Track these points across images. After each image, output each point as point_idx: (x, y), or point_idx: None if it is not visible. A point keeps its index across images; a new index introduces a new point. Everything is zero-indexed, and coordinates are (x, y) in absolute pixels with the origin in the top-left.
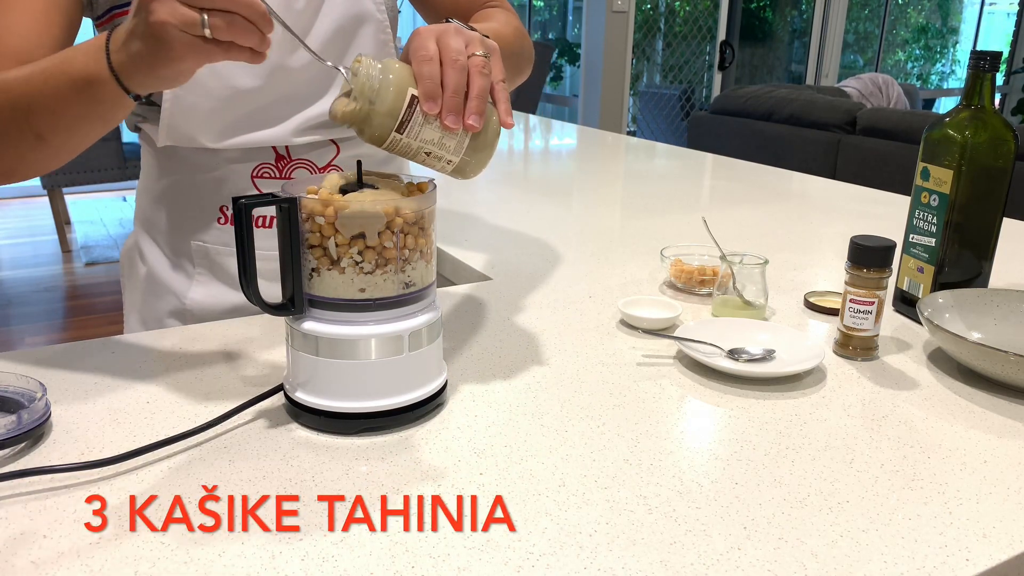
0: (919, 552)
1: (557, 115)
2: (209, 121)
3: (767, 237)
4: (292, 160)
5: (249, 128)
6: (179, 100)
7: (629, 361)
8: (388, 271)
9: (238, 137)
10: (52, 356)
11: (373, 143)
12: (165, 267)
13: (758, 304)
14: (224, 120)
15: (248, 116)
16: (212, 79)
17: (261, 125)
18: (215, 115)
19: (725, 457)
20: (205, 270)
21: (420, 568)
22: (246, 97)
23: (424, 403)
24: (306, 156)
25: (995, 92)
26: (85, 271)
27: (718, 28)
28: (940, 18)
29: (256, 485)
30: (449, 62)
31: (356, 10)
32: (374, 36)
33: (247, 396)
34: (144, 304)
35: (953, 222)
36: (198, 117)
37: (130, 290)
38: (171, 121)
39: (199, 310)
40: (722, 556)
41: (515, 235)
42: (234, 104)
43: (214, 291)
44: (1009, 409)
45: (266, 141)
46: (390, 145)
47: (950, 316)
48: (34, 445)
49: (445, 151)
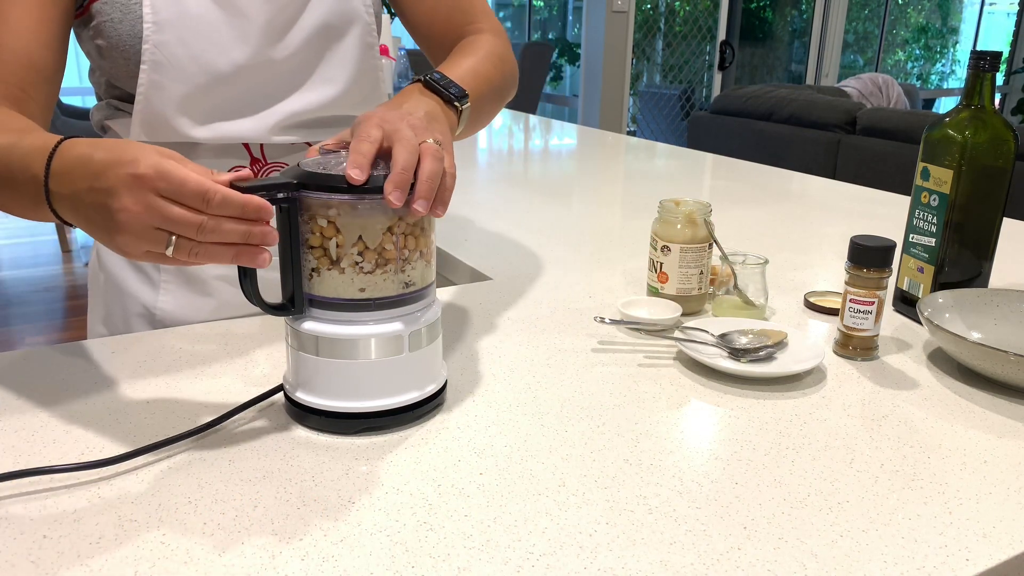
0: (919, 552)
1: (557, 115)
2: (185, 105)
3: (767, 237)
4: (267, 164)
5: (226, 115)
6: (155, 85)
7: (629, 361)
8: (388, 271)
9: (214, 124)
10: (52, 356)
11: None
12: (127, 274)
13: (758, 304)
14: (201, 106)
15: (226, 103)
16: (191, 64)
17: (238, 114)
18: (192, 100)
19: (725, 457)
20: (171, 277)
21: (420, 568)
22: (225, 83)
23: (424, 403)
24: (282, 159)
25: (995, 92)
26: (85, 271)
27: (718, 28)
28: (940, 18)
29: (256, 485)
30: (399, 140)
31: (345, 9)
32: (361, 38)
33: (247, 396)
34: (108, 312)
35: (953, 222)
36: (174, 102)
37: (93, 297)
38: (146, 107)
39: (171, 320)
40: (722, 556)
41: (515, 235)
42: (212, 90)
43: (184, 300)
44: (1009, 409)
45: (243, 134)
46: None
47: (950, 316)
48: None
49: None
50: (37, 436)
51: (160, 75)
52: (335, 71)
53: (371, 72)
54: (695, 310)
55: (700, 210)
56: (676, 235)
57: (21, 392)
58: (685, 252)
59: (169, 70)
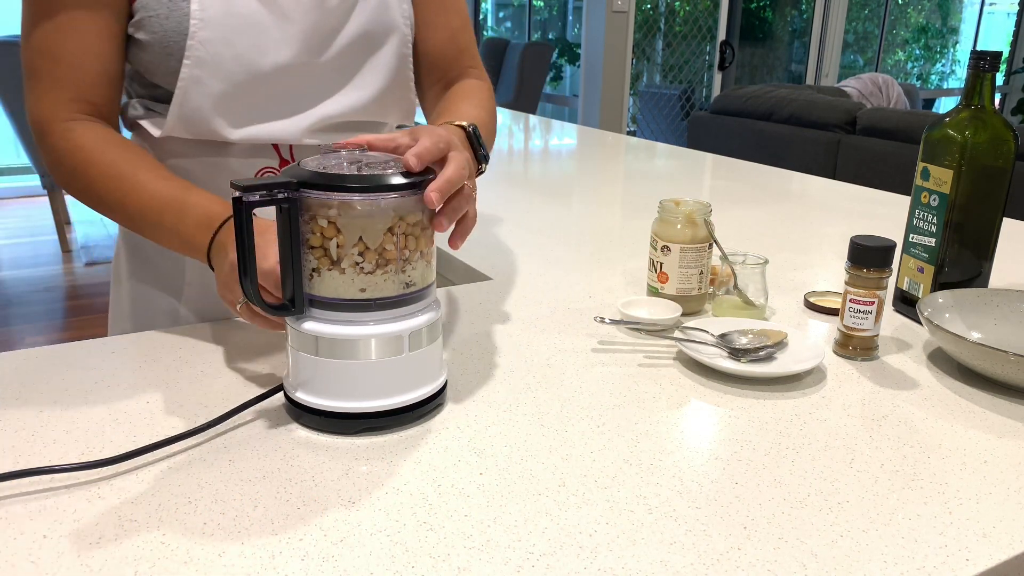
0: (919, 552)
1: (557, 115)
2: (222, 104)
3: (767, 237)
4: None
5: (262, 116)
6: (195, 80)
7: (629, 361)
8: (388, 271)
9: (251, 127)
10: (52, 356)
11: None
12: (154, 275)
13: (758, 304)
14: (238, 105)
15: (262, 103)
16: (233, 62)
17: (274, 115)
18: (229, 98)
19: (725, 457)
20: (195, 279)
21: (420, 568)
22: (264, 83)
23: (424, 403)
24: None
25: (995, 92)
26: (85, 271)
27: (718, 28)
28: (940, 18)
29: (256, 485)
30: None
31: (385, 19)
32: (398, 48)
33: (247, 396)
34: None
35: (953, 222)
36: (212, 99)
37: (116, 295)
38: (184, 103)
39: (194, 320)
40: (722, 556)
41: (515, 235)
42: (250, 89)
43: (206, 301)
44: (1009, 409)
45: (276, 135)
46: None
47: (950, 316)
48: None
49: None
50: (37, 436)
51: (201, 70)
52: (370, 78)
53: (404, 82)
54: (695, 310)
55: (700, 210)
56: (676, 235)
57: (21, 392)
58: (685, 252)
59: (211, 66)
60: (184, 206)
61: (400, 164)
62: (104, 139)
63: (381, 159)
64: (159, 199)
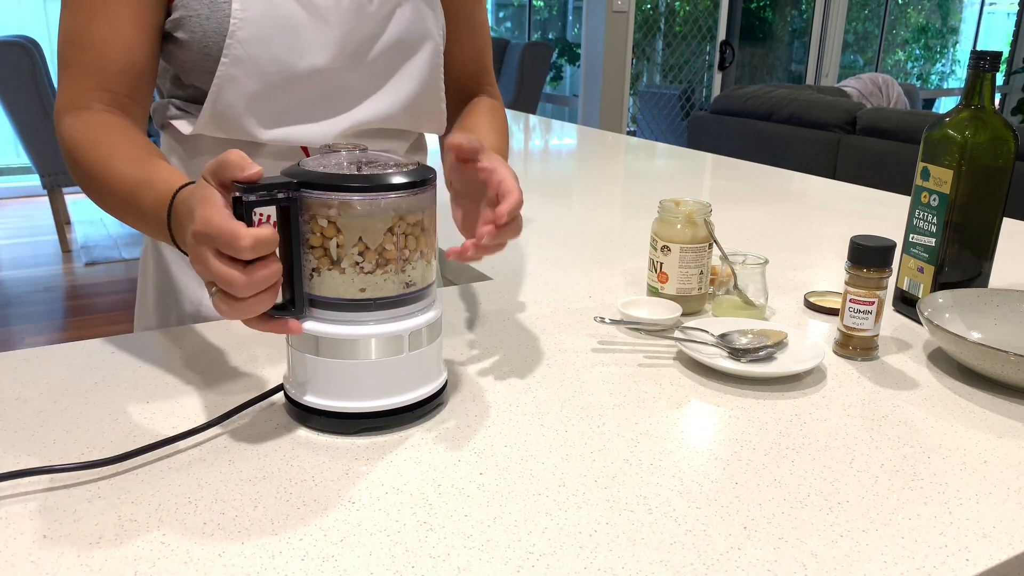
0: (919, 552)
1: (557, 115)
2: (256, 103)
3: (767, 237)
4: None
5: (294, 119)
6: (231, 79)
7: (629, 361)
8: (389, 271)
9: (282, 128)
10: (52, 356)
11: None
12: (181, 272)
13: (758, 304)
14: (272, 106)
15: (296, 105)
16: (269, 63)
17: (306, 119)
18: (263, 99)
19: (725, 457)
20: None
21: (420, 568)
22: (298, 85)
23: (424, 403)
24: None
25: (995, 92)
26: (85, 271)
27: (718, 28)
28: (940, 18)
29: (256, 485)
30: (513, 194)
31: (421, 27)
32: (431, 57)
33: (247, 396)
34: (160, 308)
35: (953, 222)
36: (246, 98)
37: (142, 294)
38: (218, 102)
39: (217, 318)
40: (722, 556)
41: None
42: (285, 91)
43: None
44: (1009, 409)
45: (307, 138)
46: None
47: (950, 316)
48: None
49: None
50: (37, 436)
51: (238, 69)
52: (403, 85)
53: (435, 91)
54: (695, 310)
55: (700, 210)
56: (676, 235)
57: (21, 392)
58: (685, 252)
59: (247, 65)
60: (144, 184)
61: (400, 165)
62: (105, 126)
63: (381, 159)
64: (129, 183)
